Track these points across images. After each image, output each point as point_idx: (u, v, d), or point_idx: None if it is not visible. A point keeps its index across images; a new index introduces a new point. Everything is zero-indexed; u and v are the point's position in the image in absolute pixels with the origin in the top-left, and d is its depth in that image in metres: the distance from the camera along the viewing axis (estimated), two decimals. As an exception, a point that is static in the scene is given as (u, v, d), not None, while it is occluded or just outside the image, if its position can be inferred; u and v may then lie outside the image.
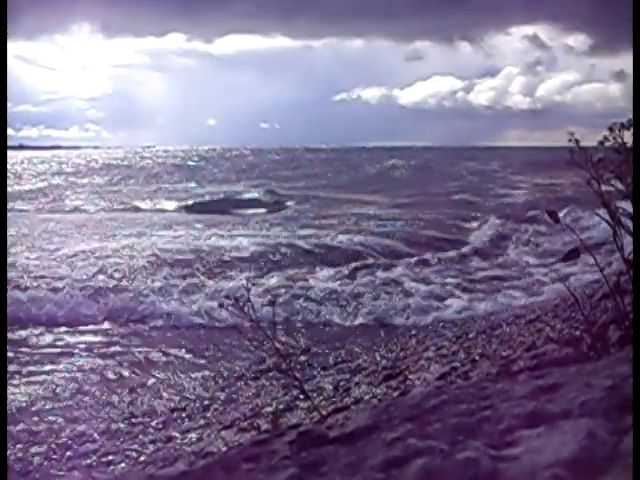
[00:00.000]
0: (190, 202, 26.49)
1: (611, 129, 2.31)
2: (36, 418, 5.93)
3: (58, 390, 6.68)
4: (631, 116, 2.30)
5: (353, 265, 12.57)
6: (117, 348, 8.21)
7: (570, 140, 2.37)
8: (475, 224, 17.92)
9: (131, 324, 9.37)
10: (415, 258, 13.38)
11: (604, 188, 2.36)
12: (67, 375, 7.11)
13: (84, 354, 7.96)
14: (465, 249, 14.43)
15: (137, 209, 24.86)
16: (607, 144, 2.33)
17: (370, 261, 13.10)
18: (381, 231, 16.58)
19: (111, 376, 7.17)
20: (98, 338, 8.71)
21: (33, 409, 6.19)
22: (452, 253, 14.02)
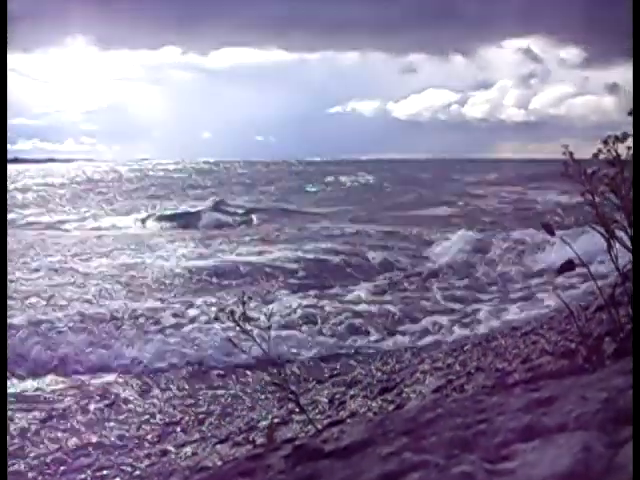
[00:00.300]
0: (158, 214, 25.80)
1: (605, 142, 2.32)
2: (30, 434, 5.89)
3: (53, 406, 6.63)
4: (625, 129, 2.31)
5: (383, 281, 12.19)
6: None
7: (564, 153, 2.38)
8: (452, 236, 17.39)
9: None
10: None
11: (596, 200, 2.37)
12: (62, 389, 7.06)
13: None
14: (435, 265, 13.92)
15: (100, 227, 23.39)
16: (601, 157, 2.34)
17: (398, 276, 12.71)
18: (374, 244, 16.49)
19: (107, 390, 7.12)
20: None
21: (28, 425, 6.15)
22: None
